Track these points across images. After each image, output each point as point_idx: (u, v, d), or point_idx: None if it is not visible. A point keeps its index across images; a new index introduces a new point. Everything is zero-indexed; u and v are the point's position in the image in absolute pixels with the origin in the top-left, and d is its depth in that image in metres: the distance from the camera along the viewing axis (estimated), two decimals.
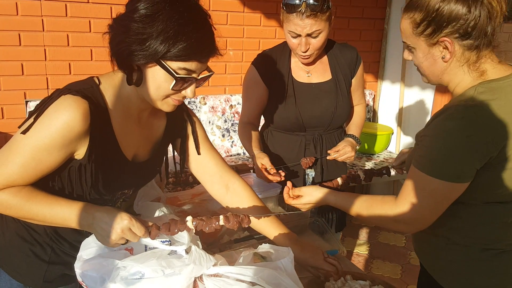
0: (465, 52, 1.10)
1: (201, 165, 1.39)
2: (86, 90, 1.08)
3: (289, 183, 1.49)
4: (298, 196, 1.46)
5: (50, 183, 1.15)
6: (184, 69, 1.06)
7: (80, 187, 1.15)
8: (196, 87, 1.13)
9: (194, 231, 1.13)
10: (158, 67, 1.05)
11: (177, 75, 1.06)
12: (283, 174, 1.67)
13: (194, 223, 1.12)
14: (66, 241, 1.23)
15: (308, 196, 1.43)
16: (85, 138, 1.08)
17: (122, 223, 1.04)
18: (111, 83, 1.14)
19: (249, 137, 1.88)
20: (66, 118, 1.02)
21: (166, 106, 1.14)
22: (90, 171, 1.13)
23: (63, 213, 1.08)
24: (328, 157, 1.85)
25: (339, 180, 1.56)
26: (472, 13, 1.05)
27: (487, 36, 1.08)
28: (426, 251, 1.30)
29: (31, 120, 1.04)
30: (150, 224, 1.09)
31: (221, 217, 1.15)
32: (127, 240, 1.07)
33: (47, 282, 1.23)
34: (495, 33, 1.09)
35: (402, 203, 1.17)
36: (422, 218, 1.16)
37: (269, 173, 1.67)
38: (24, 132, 1.03)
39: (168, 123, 1.33)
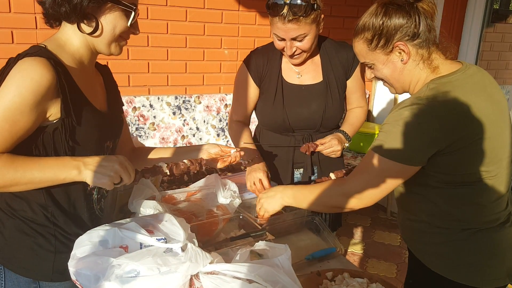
0: (418, 50, 1.24)
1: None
2: (38, 52, 1.09)
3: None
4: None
5: (34, 155, 1.14)
6: (133, 3, 1.18)
7: (68, 148, 1.15)
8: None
9: (168, 173, 1.30)
10: (112, 8, 1.14)
11: (134, 8, 1.17)
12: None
13: (167, 165, 1.32)
14: (67, 216, 1.22)
15: (270, 190, 1.52)
16: (55, 95, 1.09)
17: (119, 159, 1.12)
18: (56, 44, 1.17)
19: (240, 136, 1.88)
20: (32, 74, 1.03)
21: (119, 48, 1.24)
22: (71, 125, 1.13)
23: (51, 167, 1.09)
24: (315, 148, 1.81)
25: (332, 175, 1.55)
26: (412, 17, 1.21)
27: (431, 33, 1.23)
28: (412, 237, 1.38)
29: None
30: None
31: (185, 160, 1.36)
32: (121, 181, 1.12)
33: (58, 274, 1.22)
34: (435, 30, 1.24)
35: (353, 178, 1.29)
36: (368, 194, 1.26)
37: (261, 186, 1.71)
38: None
39: (104, 77, 1.38)
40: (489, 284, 1.26)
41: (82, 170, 1.10)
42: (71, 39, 1.18)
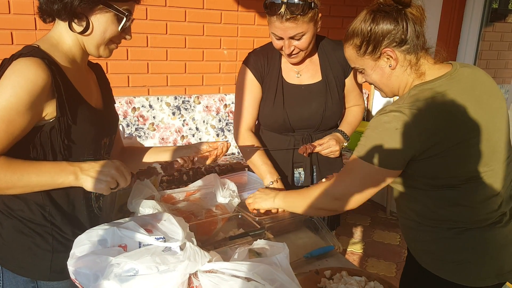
0: (406, 56, 1.26)
1: None
2: (32, 52, 1.09)
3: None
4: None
5: (32, 155, 1.15)
6: (127, 10, 1.18)
7: (64, 146, 1.16)
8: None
9: (162, 174, 1.34)
10: (104, 11, 1.14)
11: (127, 14, 1.17)
12: None
13: (160, 165, 1.34)
14: (65, 215, 1.22)
15: (260, 193, 1.57)
16: (51, 94, 1.10)
17: (115, 164, 1.12)
18: (49, 43, 1.18)
19: (259, 158, 1.81)
20: (27, 74, 1.04)
21: (108, 51, 1.24)
22: (67, 124, 1.14)
23: (48, 172, 1.10)
24: (312, 150, 1.83)
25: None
26: (400, 24, 1.22)
27: (419, 39, 1.24)
28: (406, 234, 1.41)
29: None
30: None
31: (178, 159, 1.39)
32: (117, 185, 1.13)
33: (55, 273, 1.22)
34: (424, 36, 1.26)
35: (337, 181, 1.34)
36: (350, 195, 1.29)
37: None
38: None
39: (97, 75, 1.38)
40: (477, 282, 1.27)
41: (79, 175, 1.12)
42: (64, 38, 1.19)
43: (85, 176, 1.12)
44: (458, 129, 1.18)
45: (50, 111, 1.12)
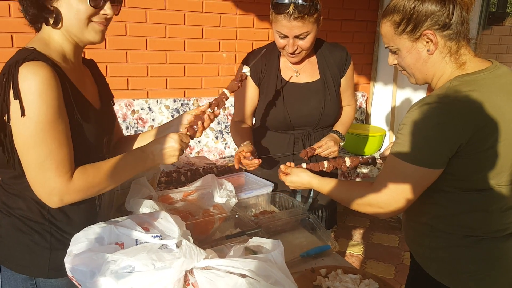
0: (446, 42, 1.17)
1: None
2: (33, 55, 1.09)
3: (287, 164, 1.62)
4: (288, 174, 1.59)
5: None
6: None
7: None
8: (115, 5, 1.20)
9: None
10: None
11: None
12: (257, 161, 1.68)
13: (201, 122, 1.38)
14: (64, 213, 1.24)
15: (295, 175, 1.55)
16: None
17: (174, 138, 1.23)
18: (42, 43, 1.17)
19: (239, 133, 1.92)
20: (46, 81, 1.05)
21: (94, 33, 1.18)
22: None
23: (132, 164, 1.22)
24: (313, 153, 1.86)
25: (347, 160, 1.61)
26: (446, 6, 1.14)
27: (464, 26, 1.16)
28: (413, 238, 1.34)
29: (16, 103, 1.04)
30: (185, 131, 1.34)
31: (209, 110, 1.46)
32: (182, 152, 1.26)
33: (54, 270, 1.23)
34: (469, 24, 1.18)
35: (377, 187, 1.22)
36: (394, 202, 1.20)
37: (245, 159, 1.68)
38: (23, 114, 1.04)
39: (92, 71, 1.38)
40: None
41: (154, 159, 1.23)
42: (52, 36, 1.18)
43: (158, 158, 1.23)
44: (498, 128, 1.10)
45: None
